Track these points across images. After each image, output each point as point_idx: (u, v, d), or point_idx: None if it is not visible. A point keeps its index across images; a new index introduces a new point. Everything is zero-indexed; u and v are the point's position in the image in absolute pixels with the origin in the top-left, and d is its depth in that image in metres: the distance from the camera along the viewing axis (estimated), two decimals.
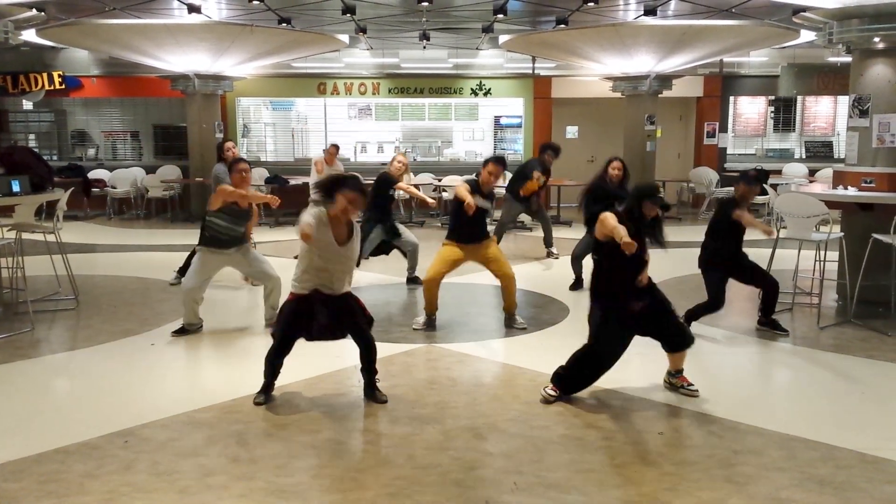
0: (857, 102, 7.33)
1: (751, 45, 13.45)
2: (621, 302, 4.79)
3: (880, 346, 6.07)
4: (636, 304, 4.80)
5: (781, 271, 7.84)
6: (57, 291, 7.73)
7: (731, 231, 6.22)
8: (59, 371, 5.67)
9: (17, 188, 6.95)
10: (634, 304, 4.80)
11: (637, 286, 4.81)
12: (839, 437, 4.27)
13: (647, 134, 14.30)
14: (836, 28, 7.37)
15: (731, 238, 6.28)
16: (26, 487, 3.69)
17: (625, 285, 4.79)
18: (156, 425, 4.46)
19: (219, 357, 6.00)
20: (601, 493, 3.66)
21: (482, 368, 5.63)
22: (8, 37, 7.39)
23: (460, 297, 7.83)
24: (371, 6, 11.08)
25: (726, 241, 6.28)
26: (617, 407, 4.79)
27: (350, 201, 4.56)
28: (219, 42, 11.95)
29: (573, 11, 11.11)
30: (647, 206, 4.82)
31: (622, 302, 4.79)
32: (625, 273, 4.77)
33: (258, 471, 3.89)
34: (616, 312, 4.79)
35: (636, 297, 4.81)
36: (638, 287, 4.82)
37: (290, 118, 16.33)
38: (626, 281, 4.79)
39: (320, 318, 4.63)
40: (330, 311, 4.66)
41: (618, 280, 4.80)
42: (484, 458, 4.05)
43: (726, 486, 3.73)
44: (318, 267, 4.64)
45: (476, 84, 16.00)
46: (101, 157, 16.07)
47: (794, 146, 16.64)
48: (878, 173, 7.19)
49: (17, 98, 15.68)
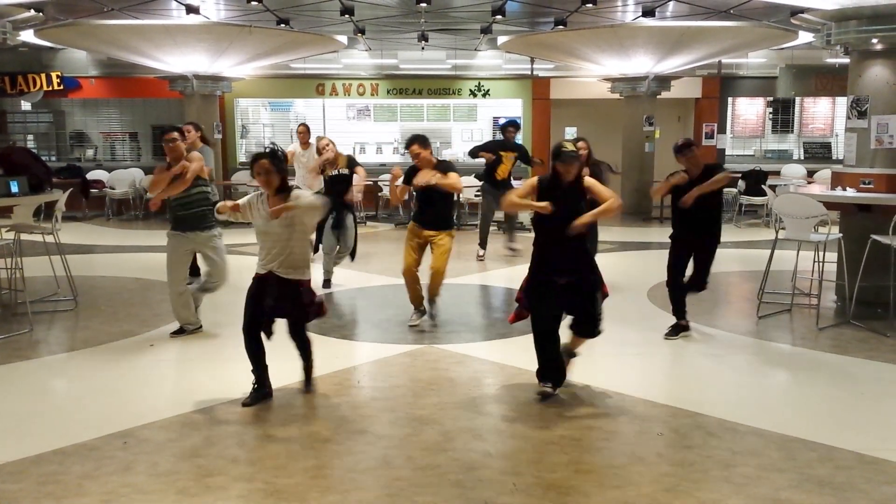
0: (856, 104, 7.34)
1: (749, 46, 13.47)
2: (544, 274, 4.74)
3: (879, 347, 6.08)
4: (560, 279, 4.70)
5: (780, 272, 7.86)
6: (56, 292, 7.72)
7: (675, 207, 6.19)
8: (57, 372, 5.66)
9: (16, 189, 6.95)
10: (558, 278, 4.70)
11: (565, 261, 4.69)
12: (838, 438, 4.27)
13: (646, 135, 14.33)
14: (834, 29, 7.38)
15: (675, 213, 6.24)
16: (25, 488, 3.69)
17: (549, 257, 4.73)
18: (155, 426, 4.46)
19: (218, 358, 5.99)
20: (600, 493, 3.66)
21: (481, 369, 5.63)
22: (6, 37, 7.40)
23: (459, 298, 7.83)
24: (369, 7, 11.08)
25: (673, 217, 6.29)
26: (616, 408, 4.79)
27: (257, 174, 4.69)
28: (217, 43, 11.95)
29: (571, 13, 11.12)
30: (560, 168, 4.68)
31: (546, 274, 4.73)
32: (549, 245, 4.72)
33: (257, 472, 3.89)
34: (538, 283, 4.76)
35: (562, 272, 4.69)
36: (566, 262, 4.70)
37: (288, 119, 16.33)
38: (552, 253, 4.72)
39: (268, 299, 4.74)
40: (278, 293, 4.74)
41: (543, 252, 4.77)
42: (483, 458, 4.05)
43: (725, 486, 3.73)
44: (263, 245, 4.78)
45: (475, 85, 16.02)
46: (99, 157, 16.08)
47: (793, 147, 16.67)
48: (876, 174, 7.20)
49: (15, 99, 15.69)
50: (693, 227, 6.12)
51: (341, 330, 6.70)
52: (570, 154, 4.63)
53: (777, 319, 6.98)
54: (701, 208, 5.95)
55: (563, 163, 4.64)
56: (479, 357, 5.86)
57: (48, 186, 7.50)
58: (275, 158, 4.67)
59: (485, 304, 7.83)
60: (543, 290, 4.75)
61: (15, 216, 7.42)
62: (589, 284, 4.76)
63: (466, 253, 10.25)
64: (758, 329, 6.66)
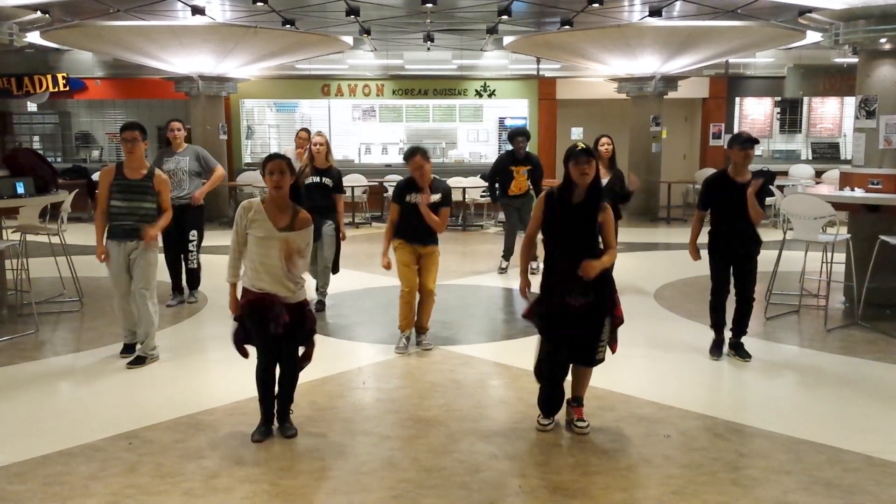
0: (864, 103, 7.30)
1: (756, 46, 13.43)
2: (557, 295, 4.22)
3: (888, 349, 6.04)
4: (575, 301, 4.18)
5: (788, 273, 7.83)
6: (61, 293, 7.74)
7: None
8: (63, 373, 5.66)
9: (22, 190, 6.96)
10: (573, 300, 4.18)
11: (579, 280, 4.13)
12: (846, 440, 4.24)
13: (653, 135, 14.29)
14: (842, 29, 7.34)
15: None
16: (31, 489, 3.69)
17: (562, 278, 4.20)
18: (160, 427, 4.45)
19: (223, 360, 5.99)
20: (606, 496, 3.64)
21: (487, 371, 5.61)
22: (12, 39, 7.40)
23: (465, 299, 7.81)
24: (375, 7, 11.08)
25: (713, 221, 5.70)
26: (622, 409, 4.76)
27: (269, 172, 4.18)
28: (223, 44, 11.97)
29: (578, 12, 11.11)
30: (573, 171, 4.08)
31: (558, 296, 4.22)
32: (562, 265, 4.20)
33: (262, 473, 3.88)
34: (547, 304, 4.27)
35: (575, 293, 4.17)
36: (581, 282, 4.14)
37: (294, 120, 16.34)
38: (563, 274, 4.18)
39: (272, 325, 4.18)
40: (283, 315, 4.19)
41: (554, 272, 4.26)
42: (489, 460, 4.04)
43: (733, 489, 3.70)
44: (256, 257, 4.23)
45: (480, 85, 16.00)
46: (105, 158, 16.11)
47: (801, 147, 16.60)
48: (885, 174, 7.16)
49: (21, 100, 15.74)
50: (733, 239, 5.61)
51: (346, 331, 6.69)
52: (585, 150, 4.09)
53: (785, 321, 6.94)
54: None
55: (577, 163, 4.07)
56: (484, 358, 5.85)
57: (54, 187, 7.51)
58: (290, 164, 4.30)
59: (491, 306, 7.81)
60: (555, 314, 4.26)
61: (21, 217, 7.44)
62: (605, 306, 4.25)
63: (472, 254, 10.25)
64: (765, 330, 6.62)
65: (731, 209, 5.49)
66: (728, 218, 5.54)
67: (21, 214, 7.39)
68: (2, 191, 6.83)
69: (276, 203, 4.23)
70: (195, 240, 7.57)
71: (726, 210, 5.54)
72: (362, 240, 11.36)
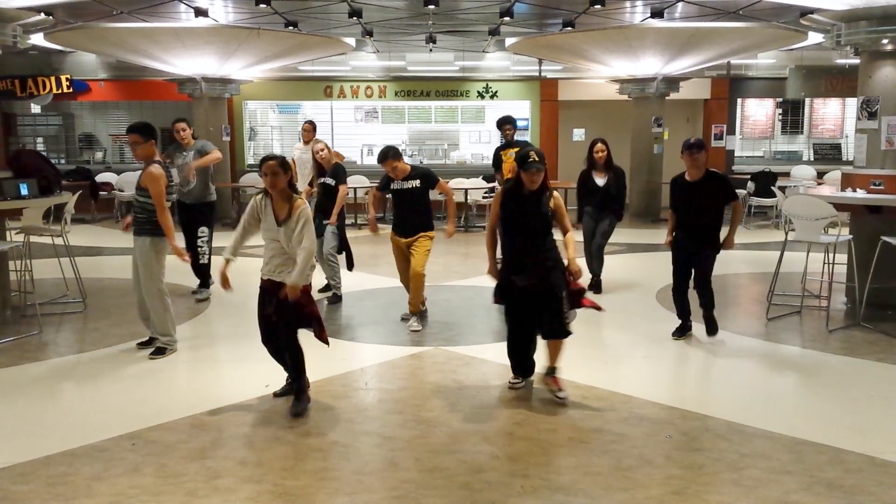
0: (866, 104, 7.30)
1: (758, 47, 13.43)
2: (506, 274, 4.91)
3: (889, 349, 6.04)
4: (518, 280, 4.81)
5: (790, 274, 7.83)
6: (65, 294, 7.76)
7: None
8: (66, 374, 5.68)
9: (26, 191, 6.99)
10: (516, 279, 4.82)
11: (528, 262, 4.78)
12: (848, 441, 4.25)
13: (655, 136, 14.30)
14: (844, 30, 7.34)
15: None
16: (34, 490, 3.70)
17: (511, 259, 4.88)
18: (163, 428, 4.47)
19: (226, 360, 6.01)
20: (608, 496, 3.65)
21: (489, 371, 5.62)
22: (16, 41, 7.42)
23: (467, 300, 7.82)
24: (377, 9, 11.10)
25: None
26: (624, 410, 4.77)
27: (264, 174, 4.62)
28: (226, 45, 11.99)
29: (580, 14, 11.12)
30: (525, 178, 4.76)
31: (507, 274, 4.90)
32: (512, 247, 4.89)
33: (265, 473, 3.89)
34: (502, 284, 4.95)
35: (523, 273, 4.79)
36: (530, 264, 4.78)
37: (296, 121, 16.34)
38: (514, 255, 4.86)
39: (268, 307, 4.74)
40: (276, 301, 4.66)
41: (508, 254, 4.92)
42: (491, 461, 4.05)
43: (734, 489, 3.71)
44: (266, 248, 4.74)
45: (482, 87, 16.01)
46: (108, 160, 16.15)
47: (803, 148, 16.60)
48: (886, 175, 7.16)
49: (25, 102, 15.79)
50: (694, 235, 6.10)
51: (349, 332, 6.71)
52: (536, 165, 4.71)
53: (787, 321, 6.95)
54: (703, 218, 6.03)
55: (528, 172, 4.73)
56: (486, 359, 5.86)
57: (57, 189, 7.53)
58: (283, 163, 4.69)
59: (493, 307, 7.80)
60: (507, 291, 4.94)
61: (24, 218, 7.45)
62: (551, 288, 4.78)
63: (474, 255, 10.26)
64: (767, 331, 6.63)
65: (687, 209, 6.07)
66: (686, 217, 6.10)
67: (25, 216, 7.41)
68: (6, 192, 6.86)
69: (277, 198, 4.67)
70: (204, 235, 7.85)
71: (684, 209, 6.12)
72: (364, 241, 11.36)
